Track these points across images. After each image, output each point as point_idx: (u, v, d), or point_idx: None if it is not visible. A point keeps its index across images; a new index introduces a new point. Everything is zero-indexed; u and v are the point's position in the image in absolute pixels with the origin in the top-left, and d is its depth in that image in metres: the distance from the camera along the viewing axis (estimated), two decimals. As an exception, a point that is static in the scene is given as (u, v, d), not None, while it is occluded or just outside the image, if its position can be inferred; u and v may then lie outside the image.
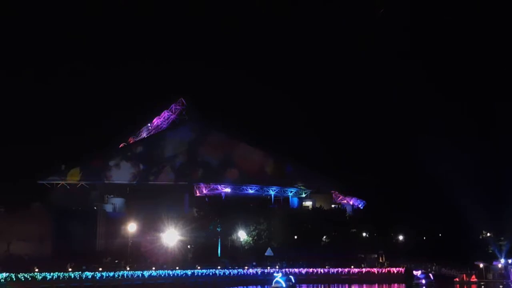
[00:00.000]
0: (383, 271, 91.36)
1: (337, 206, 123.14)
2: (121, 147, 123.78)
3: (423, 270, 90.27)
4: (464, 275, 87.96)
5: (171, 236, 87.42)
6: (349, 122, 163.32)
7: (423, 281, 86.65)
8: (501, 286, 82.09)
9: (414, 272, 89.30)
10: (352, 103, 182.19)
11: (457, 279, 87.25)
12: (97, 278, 71.63)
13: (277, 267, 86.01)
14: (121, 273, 74.15)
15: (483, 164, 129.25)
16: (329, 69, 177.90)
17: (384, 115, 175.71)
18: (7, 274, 66.56)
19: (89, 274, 71.73)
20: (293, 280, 71.44)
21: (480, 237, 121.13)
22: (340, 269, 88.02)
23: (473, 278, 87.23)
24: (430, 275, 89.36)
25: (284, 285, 66.53)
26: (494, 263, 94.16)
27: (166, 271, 77.92)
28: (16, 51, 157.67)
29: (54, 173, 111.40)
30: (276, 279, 68.01)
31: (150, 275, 75.30)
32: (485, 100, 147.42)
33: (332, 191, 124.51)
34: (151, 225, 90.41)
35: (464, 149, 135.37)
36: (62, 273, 70.22)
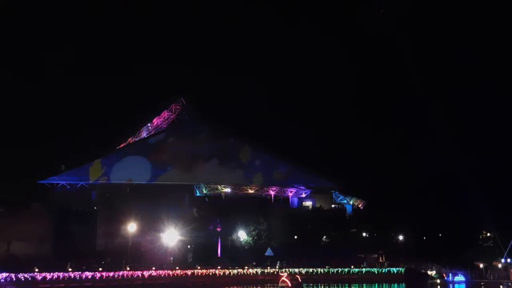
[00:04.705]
0: (383, 271, 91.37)
1: (337, 206, 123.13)
2: (121, 147, 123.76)
3: (437, 270, 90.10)
4: (444, 274, 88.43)
5: (171, 236, 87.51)
6: (350, 122, 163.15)
7: (438, 281, 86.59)
8: (501, 286, 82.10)
9: (429, 272, 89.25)
10: (352, 103, 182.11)
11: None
12: (97, 278, 71.72)
13: (277, 267, 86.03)
14: (121, 273, 74.25)
15: (484, 164, 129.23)
16: (329, 70, 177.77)
17: (384, 115, 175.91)
18: (7, 274, 66.67)
19: (89, 274, 71.84)
20: (299, 279, 71.38)
21: (480, 237, 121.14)
22: (340, 269, 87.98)
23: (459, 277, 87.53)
24: (444, 274, 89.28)
25: (289, 284, 66.48)
26: (494, 263, 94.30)
27: (166, 271, 77.98)
28: (15, 51, 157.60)
29: (54, 173, 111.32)
30: (282, 278, 67.93)
31: (150, 275, 75.36)
32: (487, 100, 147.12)
33: (332, 191, 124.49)
34: (151, 225, 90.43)
35: (464, 148, 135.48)
36: (62, 273, 70.35)
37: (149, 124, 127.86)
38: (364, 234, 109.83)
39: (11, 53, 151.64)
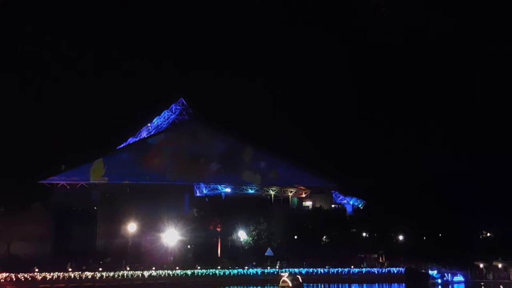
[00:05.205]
0: (383, 271, 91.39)
1: (337, 206, 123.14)
2: (121, 147, 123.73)
3: (438, 270, 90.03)
4: (446, 274, 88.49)
5: (171, 236, 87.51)
6: (350, 123, 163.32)
7: (439, 281, 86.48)
8: (501, 286, 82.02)
9: (430, 272, 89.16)
10: (352, 103, 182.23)
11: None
12: (97, 278, 71.78)
13: (277, 267, 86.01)
14: (121, 273, 74.32)
15: (484, 164, 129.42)
16: (329, 70, 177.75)
17: (384, 115, 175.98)
18: (7, 274, 66.75)
19: (89, 274, 71.91)
20: (300, 280, 71.32)
21: (480, 237, 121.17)
22: (340, 269, 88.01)
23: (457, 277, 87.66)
24: (446, 274, 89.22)
25: (290, 284, 66.49)
26: (494, 263, 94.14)
27: (166, 271, 78.04)
28: (15, 51, 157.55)
29: (54, 173, 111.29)
30: (283, 278, 67.98)
31: (150, 275, 75.41)
32: (487, 99, 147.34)
33: (332, 191, 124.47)
34: (151, 225, 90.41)
35: (464, 148, 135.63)
36: (62, 273, 70.43)
37: (149, 124, 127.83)
38: (364, 234, 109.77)
39: (11, 53, 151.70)
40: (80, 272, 71.97)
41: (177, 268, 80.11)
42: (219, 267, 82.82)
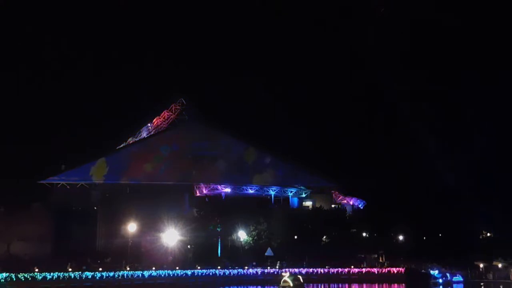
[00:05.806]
0: (383, 271, 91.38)
1: (337, 206, 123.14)
2: (121, 147, 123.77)
3: (439, 270, 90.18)
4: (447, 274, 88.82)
5: (171, 236, 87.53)
6: (350, 122, 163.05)
7: (440, 281, 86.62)
8: (501, 286, 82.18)
9: (431, 271, 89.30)
10: (352, 103, 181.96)
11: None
12: (97, 278, 71.77)
13: (277, 267, 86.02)
14: (121, 273, 74.31)
15: (484, 163, 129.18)
16: (329, 70, 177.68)
17: (385, 114, 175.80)
18: (7, 274, 66.69)
19: (89, 274, 71.89)
20: (301, 280, 71.27)
21: (480, 237, 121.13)
22: (340, 269, 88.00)
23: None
24: (447, 274, 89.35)
25: (291, 284, 66.33)
26: (494, 263, 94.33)
27: (166, 271, 78.08)
28: (15, 50, 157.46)
29: (54, 173, 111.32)
30: (284, 278, 67.88)
31: (150, 275, 75.43)
32: (488, 99, 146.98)
33: (332, 191, 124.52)
34: (151, 225, 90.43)
35: (464, 148, 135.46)
36: (62, 273, 70.41)
37: (149, 124, 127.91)
38: (364, 234, 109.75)
39: (11, 53, 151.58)
40: (80, 272, 71.93)
41: (177, 268, 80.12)
42: (219, 267, 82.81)
